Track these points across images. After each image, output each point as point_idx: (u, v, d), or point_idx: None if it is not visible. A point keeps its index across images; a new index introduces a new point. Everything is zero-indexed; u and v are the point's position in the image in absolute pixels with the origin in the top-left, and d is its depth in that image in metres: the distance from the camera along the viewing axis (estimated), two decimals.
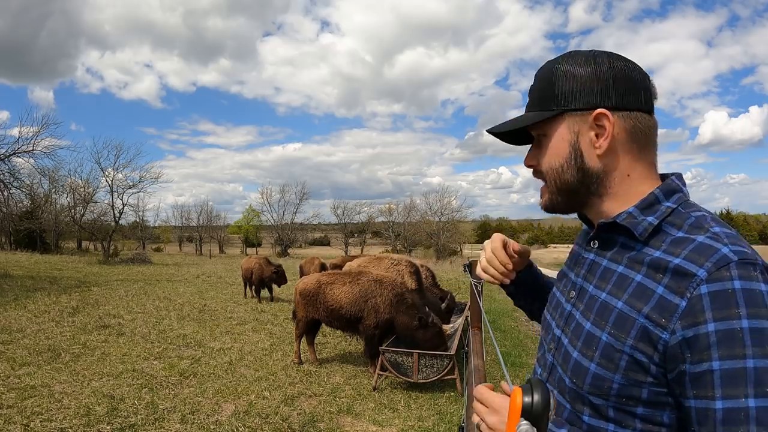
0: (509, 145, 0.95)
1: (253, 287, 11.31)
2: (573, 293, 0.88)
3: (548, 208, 0.89)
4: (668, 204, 0.79)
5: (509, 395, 0.77)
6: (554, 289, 0.98)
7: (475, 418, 0.84)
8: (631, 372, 0.73)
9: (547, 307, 0.98)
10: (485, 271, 1.11)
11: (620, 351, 0.73)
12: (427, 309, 5.35)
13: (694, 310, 0.67)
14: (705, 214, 0.76)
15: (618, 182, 0.82)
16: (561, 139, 0.83)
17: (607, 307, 0.78)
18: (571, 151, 0.83)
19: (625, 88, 0.80)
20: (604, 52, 0.83)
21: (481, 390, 0.85)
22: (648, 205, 0.79)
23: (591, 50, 0.84)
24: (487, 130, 0.92)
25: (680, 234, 0.74)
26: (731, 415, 0.63)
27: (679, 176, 0.83)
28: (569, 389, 0.81)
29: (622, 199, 0.82)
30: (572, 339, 0.82)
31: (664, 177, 0.84)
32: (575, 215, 0.94)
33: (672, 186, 0.81)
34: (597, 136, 0.80)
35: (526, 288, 1.16)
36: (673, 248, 0.73)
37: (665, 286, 0.71)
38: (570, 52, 0.85)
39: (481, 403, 0.83)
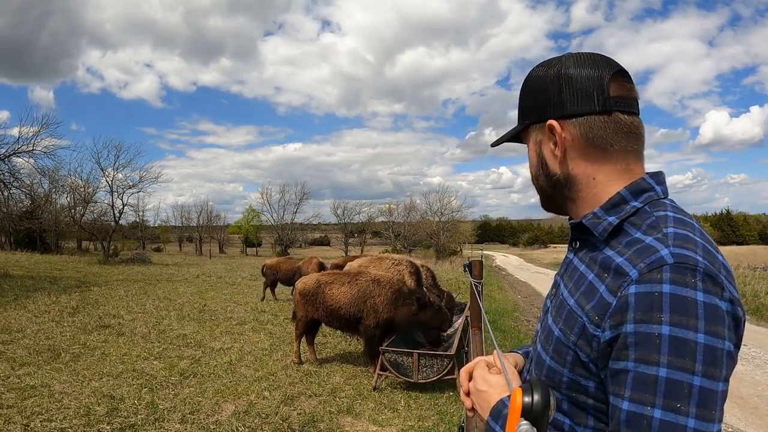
0: (511, 145, 1.01)
1: (271, 288, 11.17)
2: (553, 290, 0.92)
3: (542, 207, 0.96)
4: (634, 204, 0.77)
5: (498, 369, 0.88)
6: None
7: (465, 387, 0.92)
8: (575, 367, 0.75)
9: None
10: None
11: (567, 346, 0.76)
12: (422, 293, 5.45)
13: (621, 310, 0.67)
14: (669, 214, 0.74)
15: (584, 186, 0.83)
16: (531, 150, 0.90)
17: (563, 304, 0.81)
18: (538, 160, 0.88)
19: (574, 96, 0.80)
20: (561, 58, 0.84)
21: (479, 364, 0.92)
22: (613, 205, 0.79)
23: (555, 57, 0.86)
24: (491, 144, 1.02)
25: (637, 234, 0.74)
26: (635, 419, 0.63)
27: (655, 174, 0.81)
28: None
29: (590, 201, 0.82)
30: (540, 333, 0.88)
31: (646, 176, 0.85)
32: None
33: (642, 185, 0.79)
34: (554, 144, 0.83)
35: None
36: (624, 248, 0.73)
37: (606, 285, 0.72)
38: (542, 61, 0.88)
39: (466, 371, 0.92)
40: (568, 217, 0.92)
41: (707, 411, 0.61)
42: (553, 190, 0.87)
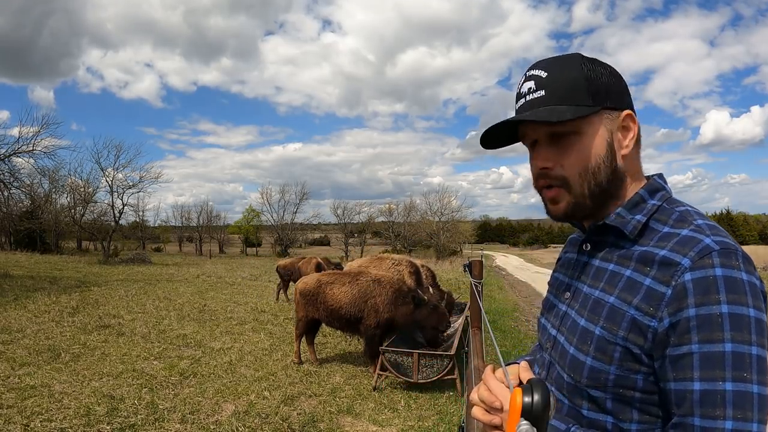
0: (511, 145, 0.91)
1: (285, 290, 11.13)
2: (567, 294, 0.90)
3: (568, 215, 0.84)
4: (653, 202, 0.82)
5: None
6: (547, 294, 1.01)
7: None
8: (625, 362, 0.75)
9: (542, 312, 1.00)
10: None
11: (613, 343, 0.76)
12: (419, 291, 5.45)
13: (679, 297, 0.70)
14: (689, 209, 0.80)
15: (628, 182, 0.84)
16: (600, 137, 0.80)
17: (599, 303, 0.80)
18: (608, 150, 0.81)
19: (627, 93, 0.85)
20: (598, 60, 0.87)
21: (488, 376, 0.78)
22: (634, 204, 0.82)
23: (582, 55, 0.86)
24: (508, 119, 0.83)
25: (667, 229, 0.78)
26: (708, 396, 0.66)
27: (661, 176, 0.87)
28: (567, 384, 0.83)
29: (623, 198, 0.84)
30: (568, 336, 0.84)
31: (647, 178, 0.88)
32: None
33: (655, 185, 0.84)
34: (625, 136, 0.83)
35: None
36: (660, 242, 0.76)
37: (652, 278, 0.74)
38: (577, 53, 0.84)
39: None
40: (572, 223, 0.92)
41: (764, 376, 0.67)
42: (611, 184, 0.82)
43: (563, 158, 0.81)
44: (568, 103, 0.79)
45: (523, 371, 0.78)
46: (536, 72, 0.83)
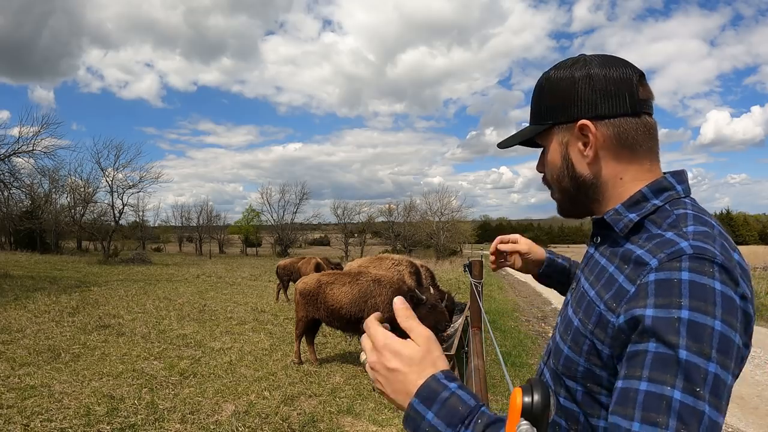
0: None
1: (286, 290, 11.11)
2: (574, 284, 0.93)
3: (561, 212, 0.95)
4: (655, 202, 0.80)
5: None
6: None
7: (362, 355, 0.77)
8: (590, 356, 0.76)
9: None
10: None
11: (584, 336, 0.77)
12: (417, 291, 5.45)
13: (639, 296, 0.68)
14: (688, 212, 0.76)
15: (612, 186, 0.84)
16: (554, 151, 0.88)
17: (583, 295, 0.83)
18: (563, 161, 0.87)
19: (605, 96, 0.81)
20: (586, 58, 0.85)
21: (370, 322, 0.77)
22: (634, 202, 0.81)
23: (573, 58, 0.86)
24: (498, 145, 0.99)
25: (657, 231, 0.76)
26: (653, 400, 0.61)
27: (677, 174, 0.83)
28: (551, 370, 0.87)
29: (615, 200, 0.84)
30: (560, 324, 0.89)
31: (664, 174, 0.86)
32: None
33: (663, 184, 0.81)
34: (584, 145, 0.83)
35: (553, 280, 1.33)
36: (644, 242, 0.76)
37: (625, 276, 0.74)
38: (558, 62, 0.88)
39: (369, 337, 0.75)
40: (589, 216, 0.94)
41: (718, 400, 0.61)
42: (578, 191, 0.87)
43: (545, 167, 0.93)
44: (533, 121, 0.91)
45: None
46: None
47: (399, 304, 0.76)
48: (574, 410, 0.80)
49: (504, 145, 0.97)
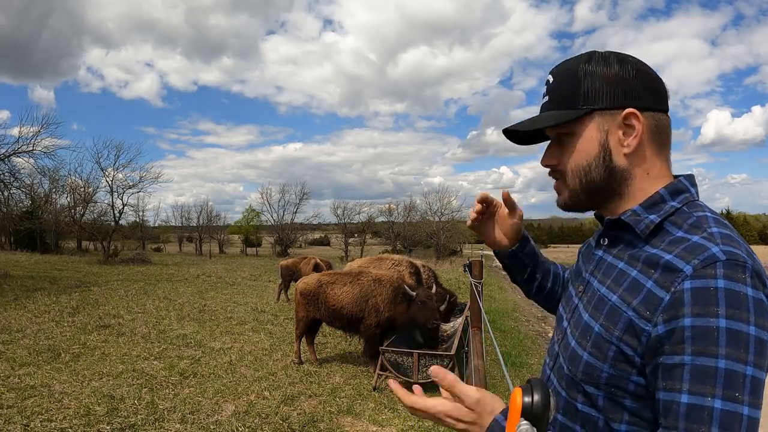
0: (513, 144, 0.98)
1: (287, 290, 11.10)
2: (581, 287, 0.91)
3: (567, 206, 0.91)
4: (672, 203, 0.80)
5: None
6: (569, 285, 1.02)
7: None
8: (618, 362, 0.75)
9: (561, 302, 1.02)
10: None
11: (608, 342, 0.76)
12: (407, 287, 5.46)
13: (676, 304, 0.68)
14: (708, 215, 0.77)
15: (639, 179, 0.84)
16: (590, 139, 0.84)
17: (603, 300, 0.81)
18: (601, 150, 0.83)
19: (650, 89, 0.82)
20: (624, 53, 0.85)
21: (417, 401, 0.80)
22: (652, 203, 0.81)
23: (611, 51, 0.86)
24: (505, 129, 0.93)
25: (680, 233, 0.76)
26: (695, 411, 0.64)
27: (689, 177, 0.85)
28: (566, 376, 0.85)
29: (636, 197, 0.84)
30: (573, 329, 0.86)
31: (676, 177, 0.86)
32: (584, 214, 0.97)
33: (679, 186, 0.82)
34: (624, 134, 0.82)
35: (517, 260, 1.17)
36: (669, 246, 0.75)
37: (654, 281, 0.73)
38: (589, 52, 0.87)
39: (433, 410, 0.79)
40: (576, 215, 0.93)
41: (756, 399, 0.64)
42: (607, 182, 0.84)
43: (563, 156, 0.88)
44: (563, 107, 0.85)
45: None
46: (549, 77, 0.89)
47: (437, 372, 0.79)
48: (593, 415, 0.79)
49: (518, 127, 0.90)
